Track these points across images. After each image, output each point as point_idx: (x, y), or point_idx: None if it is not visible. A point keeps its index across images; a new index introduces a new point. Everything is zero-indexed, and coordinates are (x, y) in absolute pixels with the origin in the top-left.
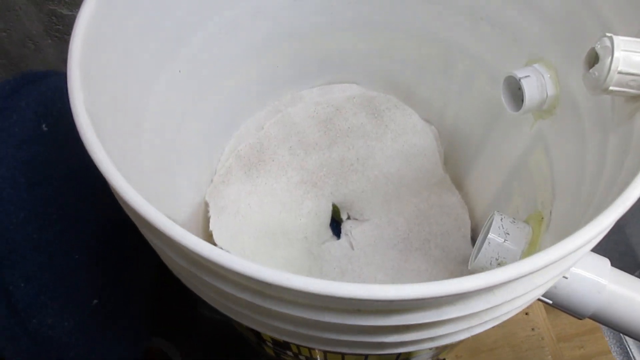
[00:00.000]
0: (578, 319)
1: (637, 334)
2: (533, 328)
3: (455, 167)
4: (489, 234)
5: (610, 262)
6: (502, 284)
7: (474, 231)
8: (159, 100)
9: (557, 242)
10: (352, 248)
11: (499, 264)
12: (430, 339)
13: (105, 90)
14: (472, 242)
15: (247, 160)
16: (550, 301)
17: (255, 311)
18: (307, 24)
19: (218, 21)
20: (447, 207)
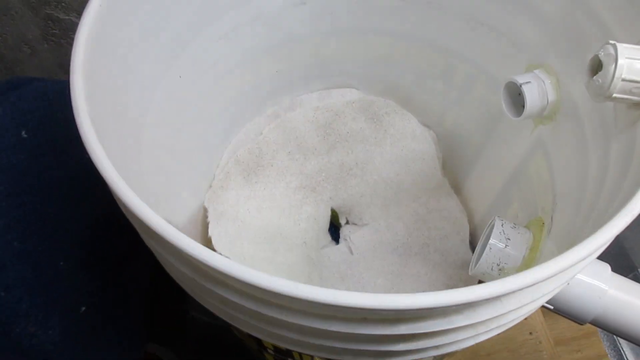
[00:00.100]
0: (579, 324)
1: (637, 339)
2: (531, 332)
3: (454, 172)
4: (490, 240)
5: None
6: (511, 292)
7: (473, 235)
8: (158, 106)
9: (558, 248)
10: (352, 253)
11: (500, 270)
12: (436, 347)
13: (106, 97)
14: (471, 247)
15: (246, 165)
16: (552, 307)
17: (259, 319)
18: (306, 29)
19: (218, 27)
20: (445, 212)
